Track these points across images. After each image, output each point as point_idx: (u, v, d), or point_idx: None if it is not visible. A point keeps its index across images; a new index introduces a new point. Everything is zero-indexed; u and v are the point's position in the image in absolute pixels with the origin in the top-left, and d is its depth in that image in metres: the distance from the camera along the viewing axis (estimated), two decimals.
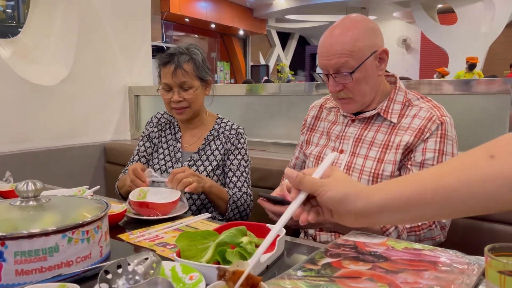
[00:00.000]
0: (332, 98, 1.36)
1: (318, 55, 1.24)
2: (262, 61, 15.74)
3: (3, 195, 1.38)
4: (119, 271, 0.72)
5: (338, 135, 1.33)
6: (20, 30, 2.41)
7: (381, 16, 14.30)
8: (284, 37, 16.98)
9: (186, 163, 1.56)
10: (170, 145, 1.62)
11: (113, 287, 0.69)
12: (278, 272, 0.83)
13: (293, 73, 14.48)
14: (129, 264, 0.72)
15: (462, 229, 1.38)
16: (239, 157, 1.56)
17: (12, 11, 8.87)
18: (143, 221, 1.20)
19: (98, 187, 1.39)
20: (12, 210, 0.86)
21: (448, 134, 1.18)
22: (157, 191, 1.32)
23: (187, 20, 12.07)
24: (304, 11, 13.99)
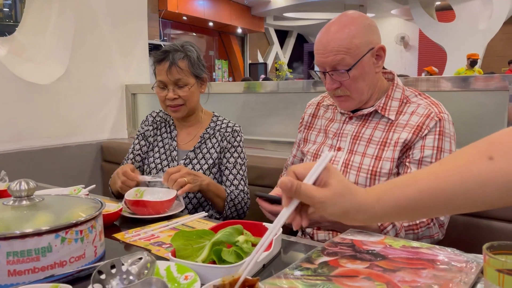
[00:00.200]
0: (330, 96, 1.35)
1: (314, 53, 1.22)
2: (261, 59, 15.71)
3: None
4: (113, 271, 0.71)
5: (335, 132, 1.32)
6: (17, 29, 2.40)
7: (379, 13, 14.28)
8: (282, 35, 16.95)
9: (182, 161, 1.55)
10: (166, 144, 1.61)
11: (107, 287, 0.68)
12: (275, 271, 0.83)
13: (291, 71, 14.45)
14: (123, 264, 0.71)
15: (460, 227, 1.38)
16: (235, 155, 1.55)
17: (9, 10, 8.82)
18: (139, 220, 1.19)
19: (94, 186, 1.38)
20: (5, 209, 0.85)
21: (446, 131, 1.17)
22: (153, 191, 1.31)
23: (184, 18, 12.03)
24: (302, 8, 13.96)
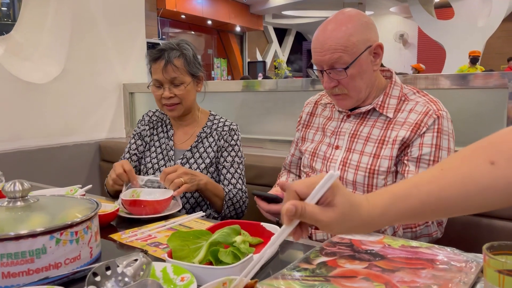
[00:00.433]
0: (327, 94, 1.34)
1: (312, 51, 1.21)
2: (259, 58, 15.68)
3: None
4: (108, 273, 0.70)
5: (333, 131, 1.31)
6: None
7: (378, 11, 14.26)
8: (281, 33, 16.93)
9: (179, 161, 1.53)
10: (163, 143, 1.60)
11: None
12: (273, 271, 0.82)
13: (290, 69, 14.43)
14: (118, 266, 0.70)
15: (460, 225, 1.37)
16: (232, 153, 1.54)
17: (7, 9, 8.79)
18: (136, 220, 1.18)
19: (90, 186, 1.36)
20: None
21: (444, 128, 1.17)
22: (150, 191, 1.30)
23: (183, 16, 12.01)
24: (301, 6, 13.93)
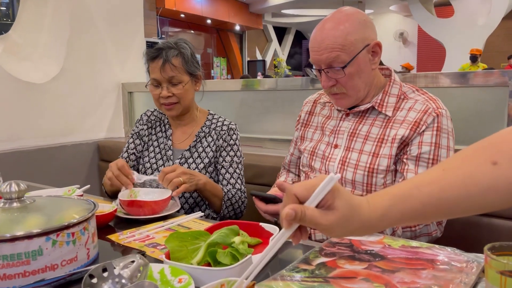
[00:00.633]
0: (326, 93, 1.33)
1: (310, 50, 1.20)
2: (259, 57, 15.65)
3: None
4: (105, 274, 0.69)
5: (332, 129, 1.30)
6: None
7: (377, 9, 14.23)
8: (281, 32, 16.89)
9: (178, 160, 1.52)
10: (161, 143, 1.59)
11: None
12: (272, 272, 0.81)
13: (289, 67, 14.41)
14: (115, 268, 0.69)
15: (460, 224, 1.36)
16: (231, 153, 1.53)
17: (6, 9, 8.76)
18: (134, 220, 1.17)
19: (88, 186, 1.35)
20: None
21: (444, 127, 1.16)
22: (148, 191, 1.29)
23: (182, 15, 11.98)
24: (300, 5, 13.91)
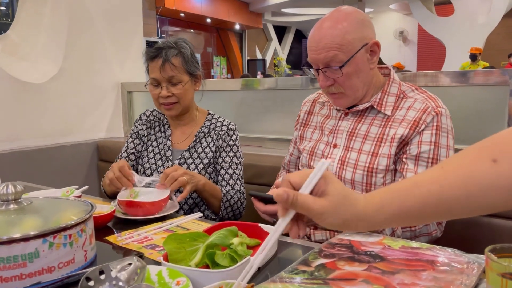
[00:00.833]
0: (324, 93, 1.32)
1: (307, 49, 1.19)
2: (259, 56, 15.63)
3: None
4: (102, 277, 0.69)
5: (331, 129, 1.30)
6: None
7: (377, 8, 14.21)
8: (281, 31, 16.87)
9: (177, 161, 1.51)
10: (160, 143, 1.58)
11: None
12: (271, 274, 0.80)
13: (290, 67, 14.39)
14: (112, 270, 0.68)
15: (460, 224, 1.35)
16: (231, 154, 1.52)
17: (6, 9, 8.75)
18: (132, 221, 1.16)
19: (87, 187, 1.35)
20: None
21: (443, 126, 1.15)
22: (148, 192, 1.28)
23: (182, 15, 11.96)
24: (300, 4, 13.88)
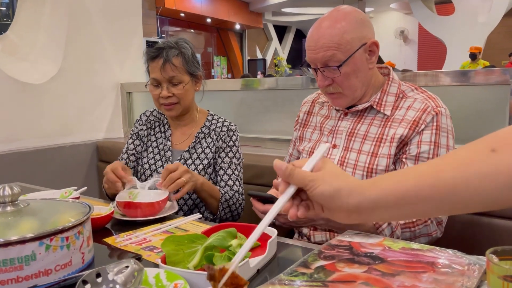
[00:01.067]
0: (323, 93, 1.31)
1: (306, 49, 1.19)
2: (259, 55, 15.63)
3: None
4: (99, 280, 0.68)
5: (331, 129, 1.29)
6: None
7: (378, 7, 14.20)
8: (281, 31, 16.87)
9: (177, 161, 1.50)
10: (160, 144, 1.57)
11: None
12: (270, 276, 0.80)
13: (290, 66, 14.38)
14: (109, 273, 0.68)
15: (460, 224, 1.35)
16: (230, 154, 1.52)
17: (6, 9, 8.76)
18: (131, 222, 1.16)
19: (85, 188, 1.34)
20: None
21: (443, 125, 1.14)
22: (147, 192, 1.27)
23: (182, 15, 11.96)
24: (300, 3, 13.88)
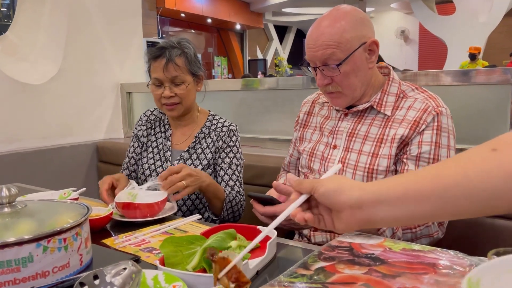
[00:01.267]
0: (322, 93, 1.31)
1: (305, 47, 1.19)
2: (260, 56, 15.63)
3: None
4: (96, 282, 0.67)
5: (331, 130, 1.28)
6: None
7: (378, 7, 14.20)
8: (282, 31, 16.87)
9: (176, 162, 1.50)
10: (160, 144, 1.57)
11: None
12: (270, 277, 0.79)
13: (291, 66, 14.37)
14: (106, 275, 0.67)
15: (462, 225, 1.34)
16: (230, 155, 1.51)
17: (7, 10, 8.77)
18: (130, 223, 1.15)
19: (84, 189, 1.33)
20: None
21: (444, 125, 1.13)
22: (147, 193, 1.26)
23: (183, 15, 11.96)
24: (301, 3, 13.88)
